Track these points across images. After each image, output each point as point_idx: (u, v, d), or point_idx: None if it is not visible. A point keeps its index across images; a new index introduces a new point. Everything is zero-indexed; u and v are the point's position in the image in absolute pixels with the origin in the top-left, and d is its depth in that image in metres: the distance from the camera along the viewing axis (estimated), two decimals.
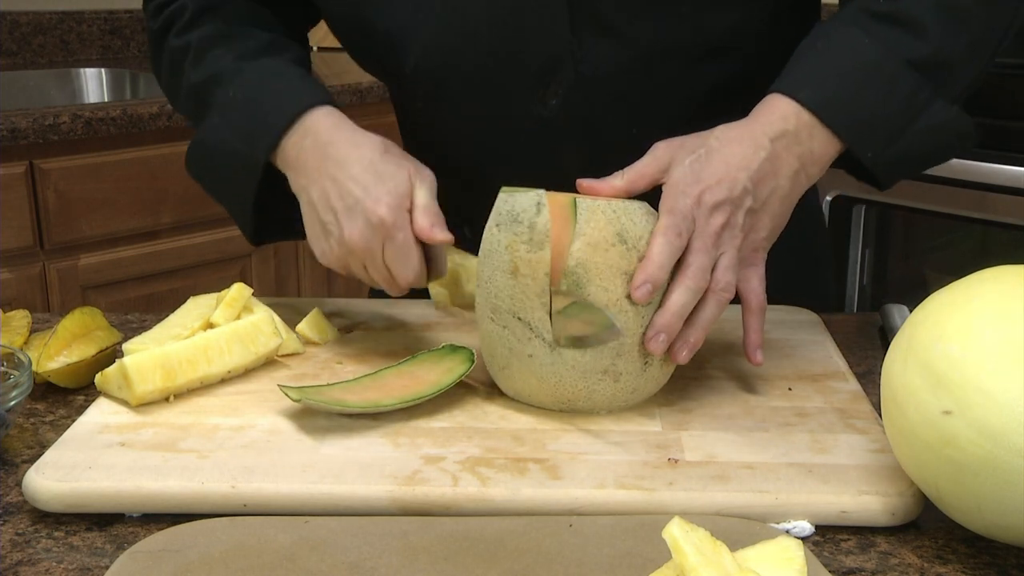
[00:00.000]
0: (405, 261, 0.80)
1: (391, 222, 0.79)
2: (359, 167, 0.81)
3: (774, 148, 0.79)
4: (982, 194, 1.90)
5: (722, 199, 0.76)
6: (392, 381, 0.78)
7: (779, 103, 0.81)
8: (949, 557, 0.64)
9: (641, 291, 0.73)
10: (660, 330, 0.74)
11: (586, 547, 0.62)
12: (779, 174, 0.79)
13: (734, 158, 0.77)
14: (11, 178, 1.86)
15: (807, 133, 0.80)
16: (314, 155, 0.84)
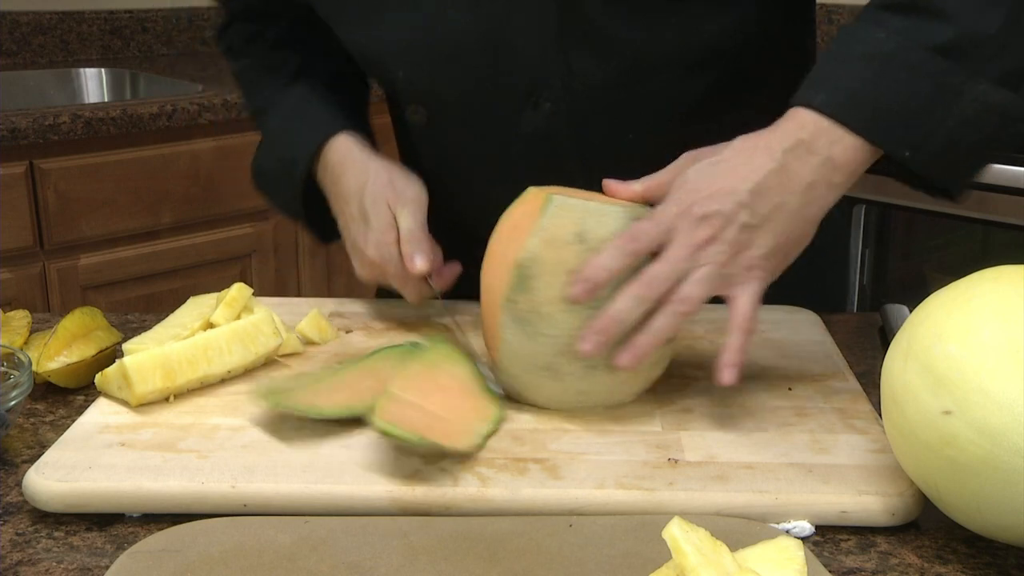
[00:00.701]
0: (404, 288, 0.90)
1: (379, 260, 0.89)
2: (354, 206, 0.92)
3: (785, 160, 0.74)
4: (982, 194, 1.89)
5: (712, 212, 0.73)
6: (360, 382, 0.78)
7: (797, 113, 0.77)
8: (949, 557, 0.64)
9: (575, 289, 0.72)
10: (592, 331, 0.72)
11: (586, 547, 0.62)
12: (787, 189, 0.74)
13: (740, 170, 0.74)
14: (11, 178, 1.86)
15: (825, 140, 0.75)
16: (330, 189, 0.96)
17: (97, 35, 2.56)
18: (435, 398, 0.74)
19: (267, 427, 0.74)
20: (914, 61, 0.75)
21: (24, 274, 1.91)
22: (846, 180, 0.76)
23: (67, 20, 2.51)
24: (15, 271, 1.90)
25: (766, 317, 0.94)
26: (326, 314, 0.94)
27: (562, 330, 0.74)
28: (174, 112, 2.01)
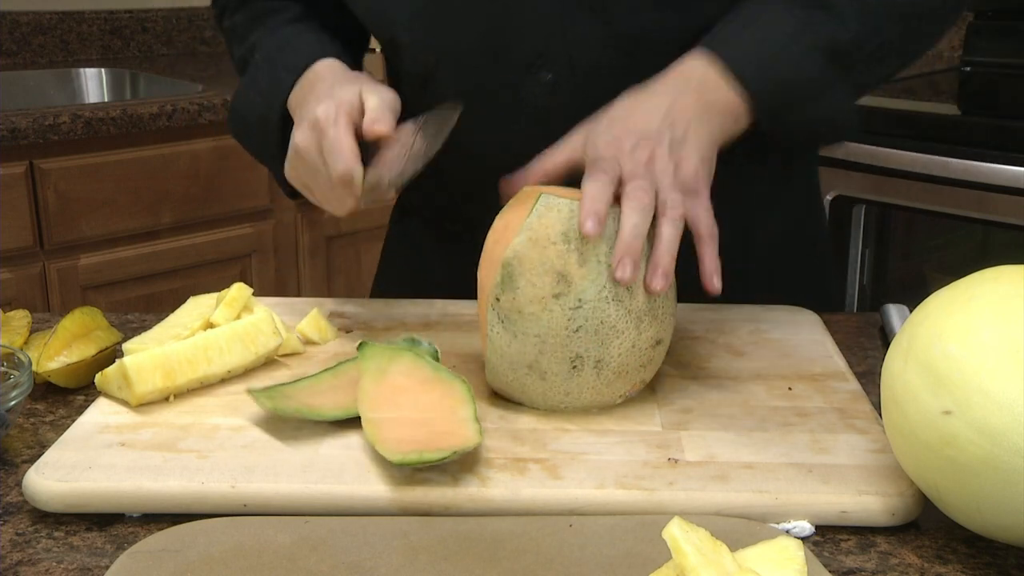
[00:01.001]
0: (336, 153, 0.82)
1: (323, 120, 0.83)
2: (324, 88, 0.88)
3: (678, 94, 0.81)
4: (982, 194, 1.90)
5: (638, 138, 0.78)
6: (355, 382, 0.77)
7: (690, 58, 0.85)
8: (949, 557, 0.64)
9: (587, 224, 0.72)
10: (621, 254, 0.73)
11: (586, 547, 0.62)
12: (687, 111, 0.81)
13: (642, 107, 0.81)
14: (11, 178, 1.86)
15: (712, 86, 0.83)
16: (305, 92, 0.91)
17: (97, 35, 2.56)
18: (407, 404, 0.73)
19: (267, 427, 0.74)
20: (805, 48, 0.84)
21: (24, 274, 1.91)
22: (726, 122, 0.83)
23: (67, 20, 2.51)
24: (15, 271, 1.90)
25: (766, 317, 0.94)
26: (326, 314, 0.94)
27: (545, 329, 0.74)
28: (174, 112, 2.01)
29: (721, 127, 0.83)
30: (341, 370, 0.79)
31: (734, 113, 0.83)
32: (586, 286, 0.74)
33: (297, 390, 0.76)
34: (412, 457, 0.66)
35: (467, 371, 0.84)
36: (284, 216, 2.23)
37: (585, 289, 0.74)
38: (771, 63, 0.84)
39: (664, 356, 0.80)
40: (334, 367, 0.80)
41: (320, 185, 0.85)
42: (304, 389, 0.77)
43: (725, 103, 0.83)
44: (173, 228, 2.08)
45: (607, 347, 0.74)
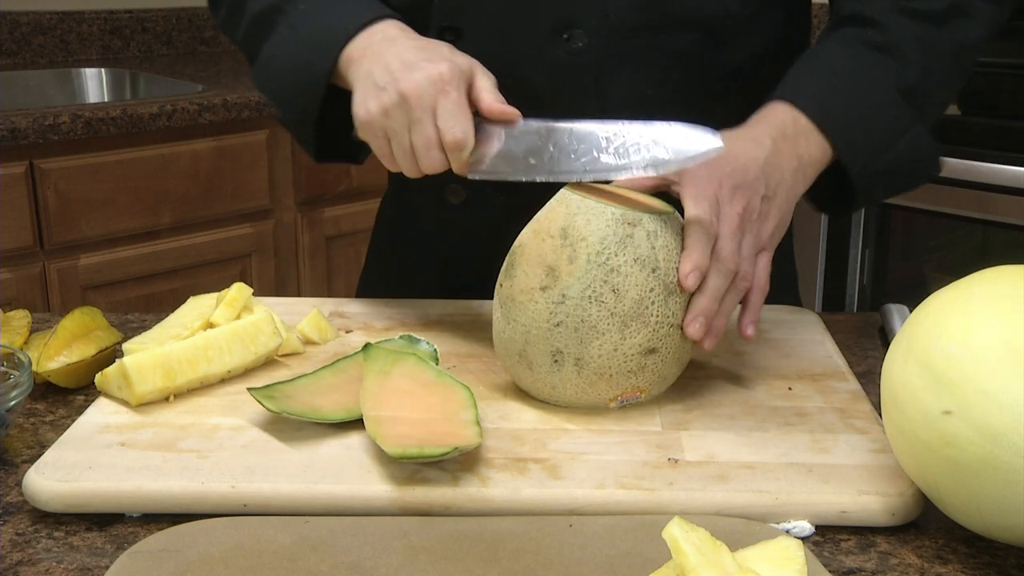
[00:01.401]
0: (457, 117, 0.78)
1: (448, 78, 0.78)
2: (421, 44, 0.82)
3: (776, 145, 0.82)
4: (982, 194, 1.90)
5: (739, 183, 0.79)
6: (356, 381, 0.77)
7: (778, 108, 0.85)
8: (949, 557, 0.64)
9: (691, 279, 0.75)
10: (699, 313, 0.76)
11: (586, 547, 0.62)
12: (783, 168, 0.82)
13: (741, 153, 0.81)
14: (11, 178, 1.86)
15: (804, 138, 0.84)
16: (380, 45, 0.84)
17: (97, 35, 2.56)
18: (409, 405, 0.73)
19: (267, 427, 0.74)
20: (882, 91, 0.86)
21: (24, 274, 1.91)
22: (813, 175, 0.86)
23: (67, 20, 2.51)
24: (15, 271, 1.90)
25: (766, 317, 0.94)
26: (326, 314, 0.94)
27: (530, 320, 0.76)
28: (174, 112, 2.01)
29: (806, 181, 0.85)
30: (341, 367, 0.79)
31: (819, 163, 0.85)
32: (571, 283, 0.74)
33: (297, 389, 0.76)
34: (413, 451, 0.66)
35: (467, 371, 0.84)
36: (284, 216, 2.23)
37: (570, 286, 0.74)
38: (854, 110, 0.86)
39: (670, 368, 0.78)
40: (333, 364, 0.80)
41: (416, 139, 0.79)
42: (304, 388, 0.77)
43: (815, 155, 0.85)
44: (173, 228, 2.08)
45: (586, 346, 0.75)
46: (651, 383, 0.78)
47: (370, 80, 0.82)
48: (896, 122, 0.87)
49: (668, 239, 0.75)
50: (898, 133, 0.87)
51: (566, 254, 0.74)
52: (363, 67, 0.84)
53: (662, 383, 0.78)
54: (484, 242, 0.90)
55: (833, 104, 0.86)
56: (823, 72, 0.88)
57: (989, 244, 2.10)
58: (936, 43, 0.88)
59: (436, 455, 0.66)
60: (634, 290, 0.74)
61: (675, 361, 0.78)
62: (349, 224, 2.30)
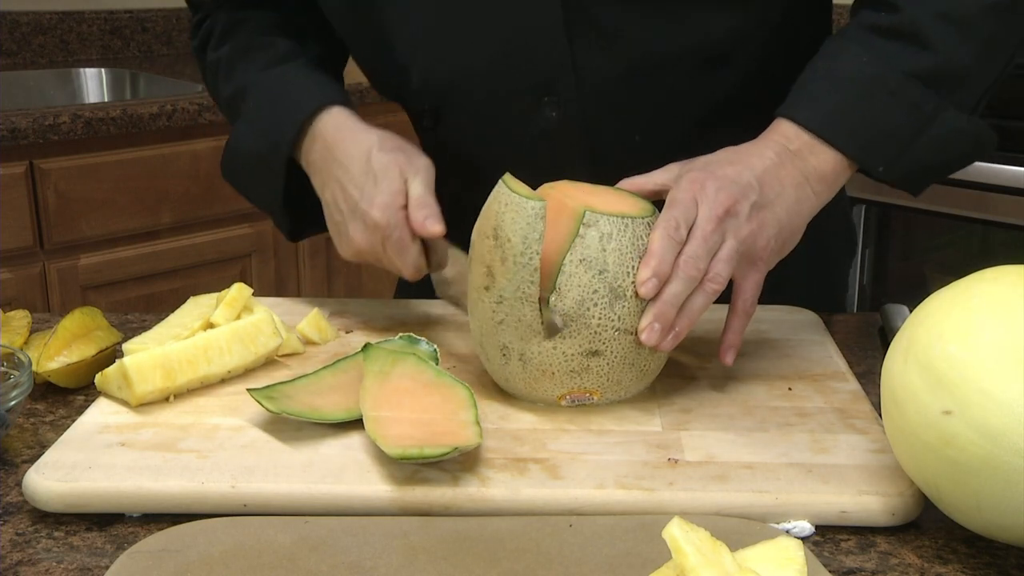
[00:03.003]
0: (403, 256, 0.85)
1: (384, 223, 0.84)
2: (357, 168, 0.86)
3: (779, 159, 0.80)
4: (982, 194, 1.90)
5: (725, 185, 0.76)
6: (357, 381, 0.77)
7: (780, 126, 0.82)
8: (949, 557, 0.64)
9: (647, 287, 0.73)
10: (654, 319, 0.74)
11: (586, 547, 0.62)
12: (784, 182, 0.79)
13: (739, 162, 0.79)
14: (11, 178, 1.86)
15: (808, 151, 0.81)
16: (323, 157, 0.90)
17: (97, 35, 2.56)
18: (409, 405, 0.73)
19: (267, 427, 0.74)
20: (894, 86, 0.81)
21: (24, 274, 1.91)
22: (826, 189, 0.82)
23: (67, 20, 2.51)
24: (15, 271, 1.90)
25: (766, 317, 0.94)
26: (326, 314, 0.94)
27: (480, 317, 0.77)
28: (174, 112, 2.01)
29: (817, 195, 0.81)
30: (341, 368, 0.79)
31: (836, 174, 0.81)
32: (504, 284, 0.74)
33: (297, 389, 0.76)
34: (413, 452, 0.66)
35: (466, 371, 0.84)
36: None
37: (504, 287, 0.75)
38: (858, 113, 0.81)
39: (622, 373, 0.76)
40: (333, 364, 0.80)
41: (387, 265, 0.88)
42: (304, 388, 0.77)
43: (824, 169, 0.81)
44: (173, 228, 2.08)
45: (527, 344, 0.75)
46: (600, 385, 0.77)
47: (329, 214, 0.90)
48: (915, 112, 0.81)
49: (624, 242, 0.74)
50: (920, 123, 0.81)
51: (498, 255, 0.74)
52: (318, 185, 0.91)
53: (616, 387, 0.77)
54: None
55: (835, 111, 0.81)
56: (823, 79, 0.83)
57: (989, 244, 2.10)
58: (960, 11, 0.80)
59: (435, 456, 0.66)
60: (576, 291, 0.74)
61: (627, 366, 0.76)
62: None
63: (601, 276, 0.74)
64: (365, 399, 0.73)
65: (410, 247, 0.85)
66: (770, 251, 0.78)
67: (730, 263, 0.75)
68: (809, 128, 0.81)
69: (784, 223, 0.79)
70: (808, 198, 0.80)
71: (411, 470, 0.68)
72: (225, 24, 1.02)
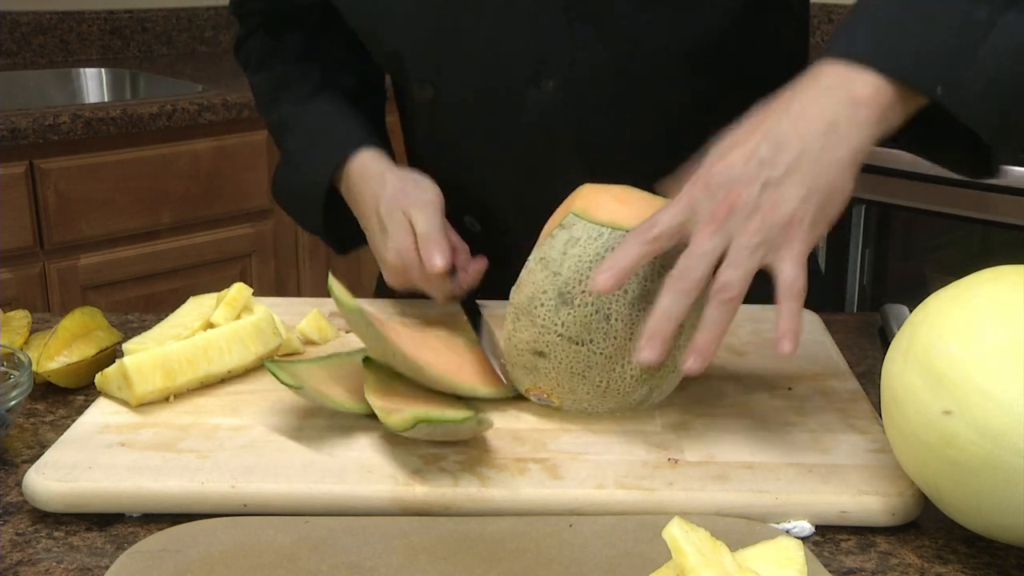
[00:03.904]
0: (429, 288, 0.91)
1: (400, 266, 0.90)
2: (373, 219, 0.94)
3: (799, 107, 0.70)
4: (982, 194, 1.90)
5: (725, 178, 0.69)
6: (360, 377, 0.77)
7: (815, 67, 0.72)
8: (949, 557, 0.64)
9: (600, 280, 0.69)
10: (647, 337, 0.68)
11: (586, 547, 0.62)
12: (805, 134, 0.69)
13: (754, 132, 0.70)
14: (11, 178, 1.86)
15: (843, 80, 0.70)
16: (351, 200, 0.98)
17: (97, 35, 2.56)
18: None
19: (267, 427, 0.74)
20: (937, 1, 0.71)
21: (24, 274, 1.91)
22: (874, 116, 0.70)
23: (67, 20, 2.51)
24: (15, 271, 1.90)
25: (766, 317, 0.94)
26: (326, 314, 0.94)
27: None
28: (174, 112, 2.01)
29: (860, 135, 0.69)
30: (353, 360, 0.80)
31: (881, 99, 0.69)
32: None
33: (312, 374, 0.76)
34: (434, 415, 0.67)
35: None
36: (284, 216, 2.21)
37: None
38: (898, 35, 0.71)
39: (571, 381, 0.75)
40: (348, 353, 0.80)
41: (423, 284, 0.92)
42: (320, 371, 0.77)
43: (868, 95, 0.69)
44: (173, 228, 2.08)
45: (502, 330, 0.79)
46: (552, 389, 0.76)
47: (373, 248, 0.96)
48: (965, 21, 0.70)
49: (588, 250, 0.72)
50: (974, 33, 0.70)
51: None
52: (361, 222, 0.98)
53: (570, 396, 0.76)
54: (500, 265, 0.91)
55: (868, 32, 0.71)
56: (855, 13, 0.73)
57: (989, 244, 2.10)
58: None
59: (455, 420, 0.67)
60: (530, 287, 0.75)
61: (576, 376, 0.74)
62: None
63: (554, 278, 0.73)
64: (369, 396, 0.73)
65: (432, 279, 0.89)
66: (803, 220, 0.69)
67: (741, 265, 0.68)
68: (843, 57, 0.70)
69: (812, 183, 0.69)
70: (846, 137, 0.69)
71: (411, 470, 0.68)
72: (260, 51, 1.09)
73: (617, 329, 0.73)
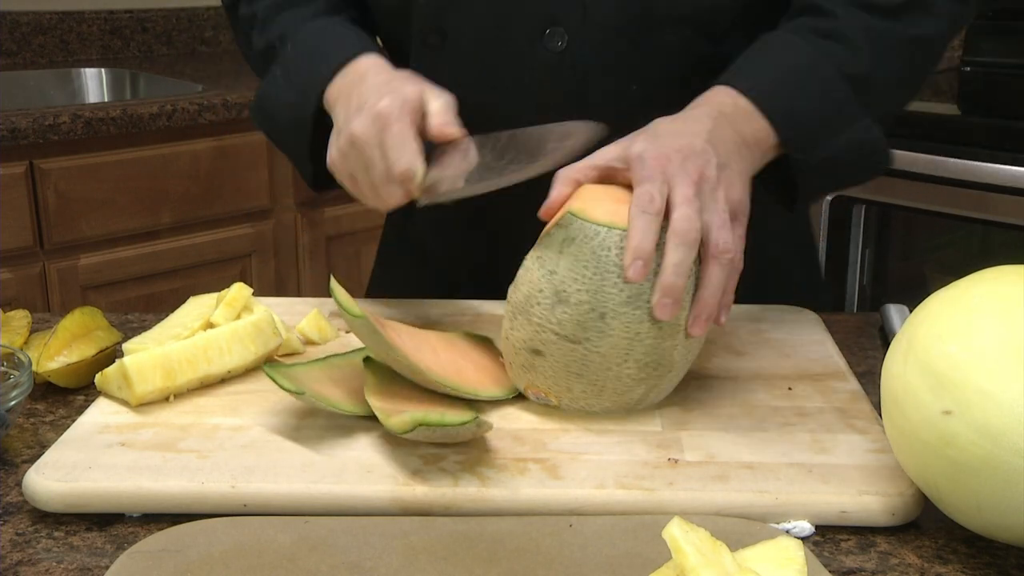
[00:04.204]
0: (400, 149, 0.81)
1: (387, 113, 0.81)
2: (378, 81, 0.86)
3: (715, 123, 0.80)
4: (982, 194, 1.89)
5: (688, 154, 0.75)
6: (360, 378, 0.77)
7: (716, 93, 0.84)
8: (949, 557, 0.64)
9: (632, 269, 0.71)
10: (662, 292, 0.71)
11: (586, 547, 0.62)
12: (727, 141, 0.79)
13: (684, 129, 0.78)
14: (11, 178, 1.86)
15: (743, 117, 0.82)
16: (349, 83, 0.89)
17: (97, 35, 2.56)
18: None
19: (267, 427, 0.74)
20: (829, 80, 0.85)
21: (24, 274, 1.91)
22: (758, 157, 0.83)
23: (67, 20, 2.51)
24: (15, 271, 1.90)
25: (766, 317, 0.94)
26: (326, 314, 0.94)
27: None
28: (174, 112, 2.01)
29: (752, 161, 0.82)
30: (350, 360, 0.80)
31: (763, 145, 0.83)
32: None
33: (311, 376, 0.76)
34: (433, 418, 0.67)
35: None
36: (284, 216, 2.23)
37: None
38: (796, 93, 0.84)
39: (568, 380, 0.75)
40: (347, 353, 0.80)
41: (372, 177, 0.83)
42: (320, 372, 0.77)
43: (755, 135, 0.82)
44: (173, 228, 2.08)
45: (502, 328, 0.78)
46: (550, 388, 0.76)
47: (335, 131, 0.87)
48: (841, 108, 0.85)
49: (584, 250, 0.73)
50: (843, 121, 0.85)
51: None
52: (335, 111, 0.89)
53: (567, 395, 0.76)
54: (486, 249, 0.90)
55: (773, 86, 0.84)
56: (766, 56, 0.86)
57: (989, 244, 2.10)
58: (888, 35, 0.86)
59: (455, 423, 0.67)
60: (526, 285, 0.75)
61: (572, 375, 0.75)
62: (349, 224, 2.30)
63: (550, 277, 0.73)
64: (370, 397, 0.73)
65: (410, 140, 0.81)
66: (744, 203, 0.78)
67: (726, 227, 0.74)
68: (748, 95, 0.82)
69: (743, 178, 0.79)
70: (747, 157, 0.81)
71: (411, 470, 0.68)
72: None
73: (613, 328, 0.73)
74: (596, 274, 0.72)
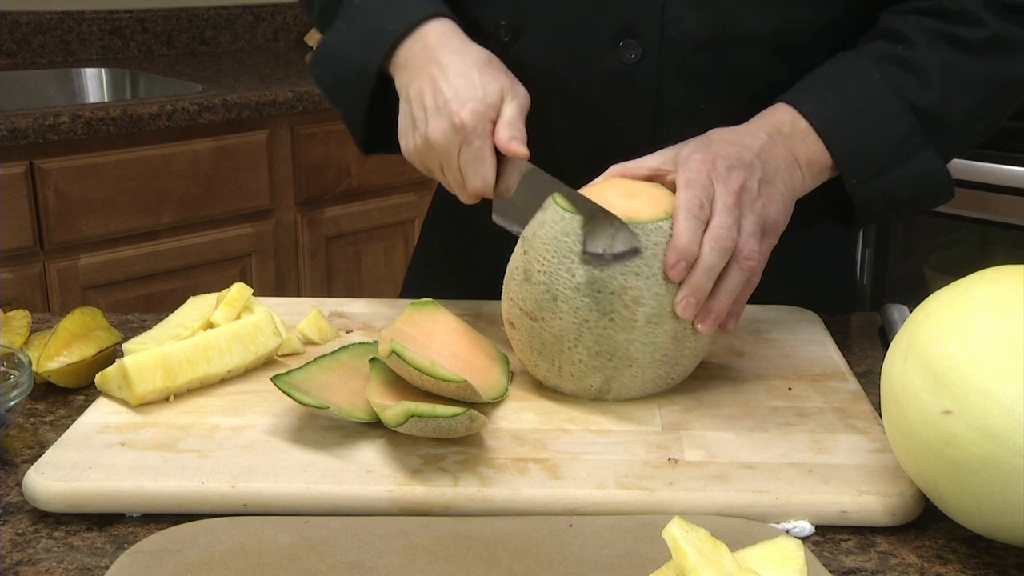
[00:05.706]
0: (477, 167, 0.83)
1: (471, 127, 0.82)
2: (457, 72, 0.84)
3: (771, 139, 0.82)
4: (982, 194, 1.90)
5: (734, 163, 0.77)
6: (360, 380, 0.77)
7: (779, 109, 0.85)
8: (949, 557, 0.64)
9: (675, 270, 0.74)
10: (689, 292, 0.74)
11: (586, 547, 0.62)
12: (778, 158, 0.81)
13: (737, 140, 0.81)
14: (11, 178, 1.86)
15: (800, 137, 0.83)
16: (421, 57, 0.87)
17: (97, 35, 2.56)
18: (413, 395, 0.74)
19: (267, 427, 0.74)
20: (895, 111, 0.84)
21: (24, 274, 1.91)
22: (811, 178, 0.84)
23: (67, 20, 2.51)
24: (15, 271, 1.90)
25: (766, 317, 0.94)
26: (326, 314, 0.94)
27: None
28: (174, 112, 2.01)
29: (803, 182, 0.83)
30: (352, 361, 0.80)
31: (816, 167, 0.84)
32: None
33: (314, 379, 0.76)
34: (424, 411, 0.67)
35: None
36: (284, 216, 2.24)
37: None
38: (857, 120, 0.84)
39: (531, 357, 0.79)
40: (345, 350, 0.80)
41: (448, 177, 0.85)
42: (322, 374, 0.77)
43: (809, 157, 0.83)
44: (173, 228, 2.08)
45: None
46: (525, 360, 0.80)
47: (408, 109, 0.86)
48: (904, 140, 0.85)
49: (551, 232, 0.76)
50: (905, 152, 0.85)
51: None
52: (403, 82, 0.87)
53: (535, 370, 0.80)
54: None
55: (835, 110, 0.84)
56: (833, 79, 0.86)
57: (989, 244, 2.10)
58: (968, 72, 0.85)
59: (446, 415, 0.67)
60: (512, 262, 0.79)
61: (533, 350, 0.78)
62: (349, 224, 2.30)
63: (525, 256, 0.77)
64: (371, 392, 0.73)
65: (487, 159, 0.82)
66: (780, 224, 0.80)
67: (755, 237, 0.76)
68: (809, 119, 0.83)
69: (785, 198, 0.81)
70: (797, 177, 0.83)
71: (411, 470, 0.68)
72: None
73: (564, 311, 0.75)
74: (555, 257, 0.75)
